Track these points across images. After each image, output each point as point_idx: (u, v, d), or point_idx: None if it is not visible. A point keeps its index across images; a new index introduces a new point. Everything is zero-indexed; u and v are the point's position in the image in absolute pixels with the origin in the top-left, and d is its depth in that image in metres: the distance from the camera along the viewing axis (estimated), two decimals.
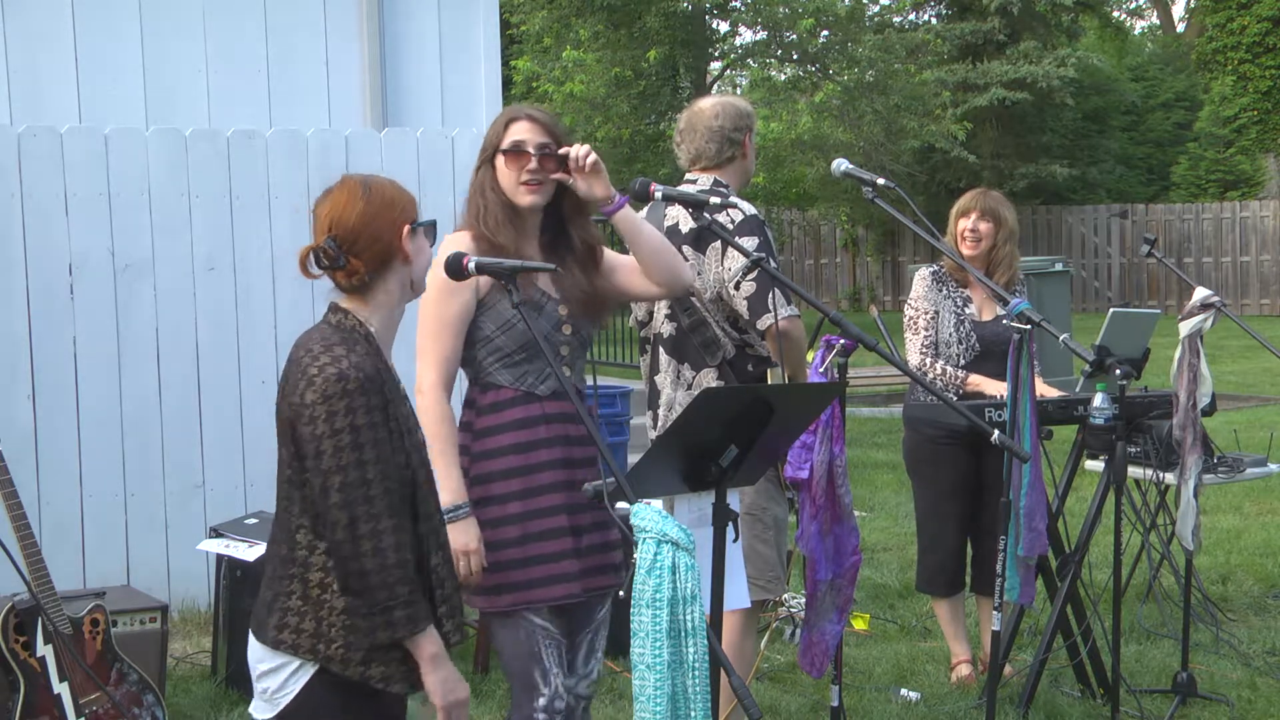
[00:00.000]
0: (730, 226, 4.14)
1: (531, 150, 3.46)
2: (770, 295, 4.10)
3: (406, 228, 2.79)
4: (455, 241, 3.44)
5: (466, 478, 3.40)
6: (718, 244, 4.18)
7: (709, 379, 4.23)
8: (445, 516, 3.11)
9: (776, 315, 4.08)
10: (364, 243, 2.76)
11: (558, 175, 3.48)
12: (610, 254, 3.65)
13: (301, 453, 2.69)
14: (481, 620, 5.49)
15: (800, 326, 4.19)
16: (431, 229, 2.90)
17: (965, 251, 5.25)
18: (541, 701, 3.40)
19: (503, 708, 3.73)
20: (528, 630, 3.41)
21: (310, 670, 2.70)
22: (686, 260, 4.08)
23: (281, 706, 2.74)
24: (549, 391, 3.45)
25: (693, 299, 4.20)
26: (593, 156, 3.47)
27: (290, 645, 2.70)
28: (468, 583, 3.34)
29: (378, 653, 2.68)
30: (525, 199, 3.48)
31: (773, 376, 4.25)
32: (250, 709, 2.83)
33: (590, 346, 3.65)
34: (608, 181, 3.52)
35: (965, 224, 5.27)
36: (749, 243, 4.08)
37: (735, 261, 4.09)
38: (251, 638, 2.80)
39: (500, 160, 3.49)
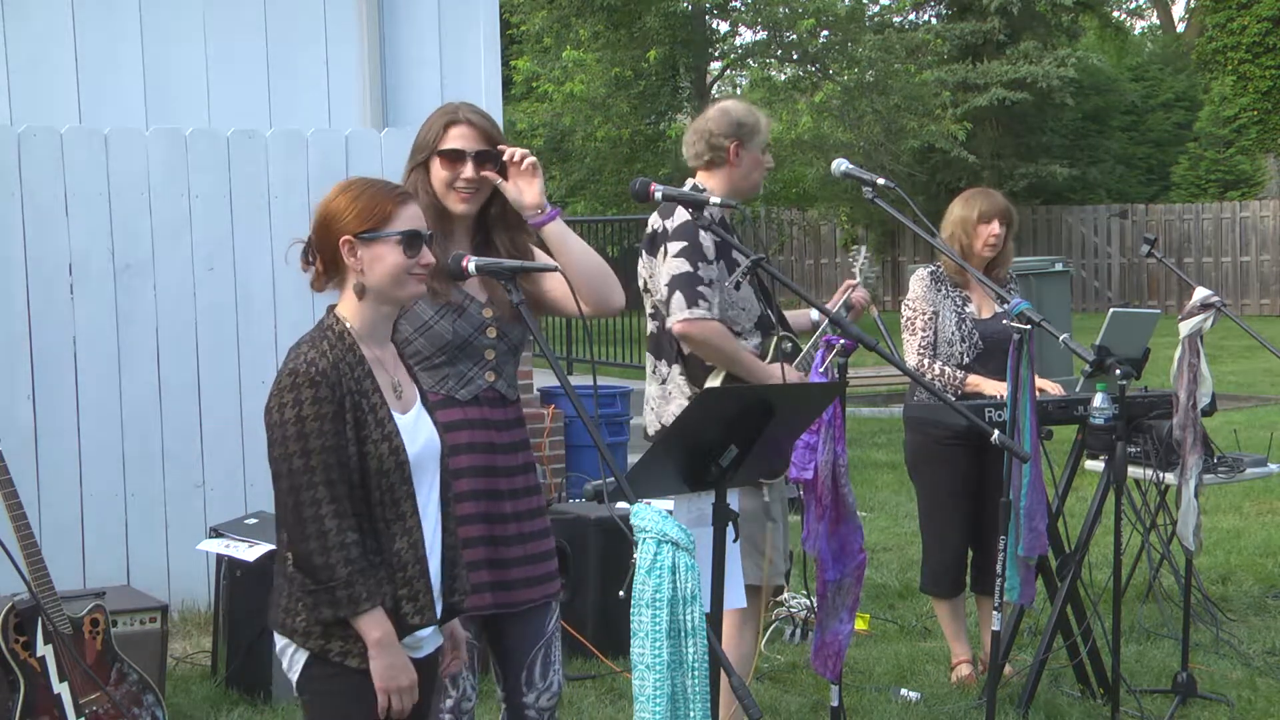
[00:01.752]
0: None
1: (469, 157, 3.38)
2: (674, 298, 4.17)
3: (344, 240, 2.88)
4: None
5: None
6: (666, 246, 4.25)
7: (676, 373, 4.33)
8: None
9: (680, 318, 4.17)
10: (316, 247, 2.95)
11: (490, 174, 3.40)
12: (513, 215, 3.50)
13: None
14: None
15: (705, 328, 4.19)
16: (414, 239, 2.91)
17: (985, 255, 5.27)
18: (449, 703, 3.40)
19: (491, 710, 3.73)
20: None
21: (305, 654, 2.88)
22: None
23: (295, 684, 2.94)
24: (470, 396, 3.38)
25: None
26: (530, 159, 3.40)
27: (277, 623, 2.90)
28: None
29: (335, 628, 2.83)
30: (458, 206, 3.41)
31: (712, 377, 4.29)
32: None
33: (521, 351, 3.54)
34: (541, 190, 3.42)
35: (990, 230, 5.26)
36: (675, 246, 4.20)
37: (665, 264, 4.22)
38: None
39: (435, 162, 3.41)
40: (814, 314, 4.54)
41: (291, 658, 2.90)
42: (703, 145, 4.43)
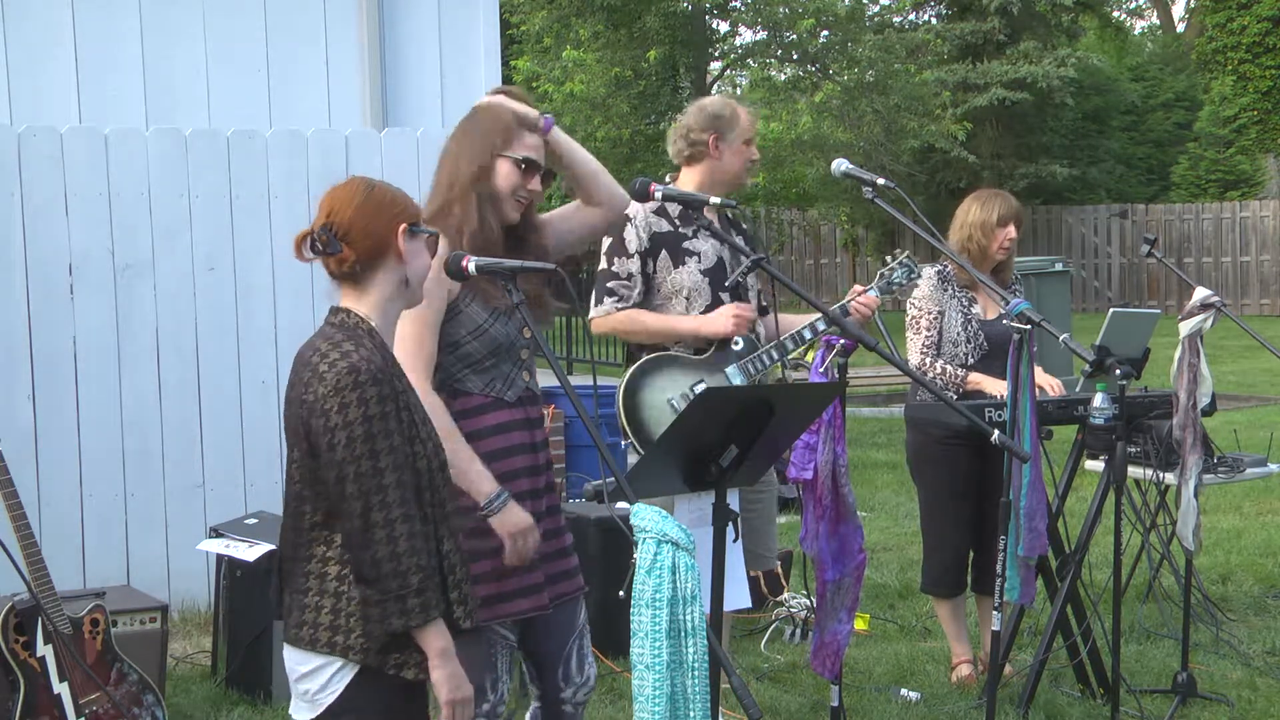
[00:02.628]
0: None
1: (539, 172, 3.45)
2: (592, 297, 4.35)
3: (403, 226, 2.83)
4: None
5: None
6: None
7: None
8: (493, 506, 3.22)
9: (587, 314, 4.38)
10: (357, 233, 2.82)
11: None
12: (536, 218, 3.59)
13: (315, 448, 2.71)
14: None
15: (606, 322, 4.36)
16: (434, 240, 2.92)
17: (999, 258, 5.28)
18: (485, 707, 3.39)
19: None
20: (489, 640, 3.37)
21: (352, 671, 2.73)
22: None
23: (325, 706, 2.76)
24: (515, 398, 3.42)
25: None
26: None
27: (309, 641, 2.74)
28: (525, 561, 3.31)
29: (394, 640, 2.70)
30: (514, 214, 3.45)
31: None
32: (290, 710, 2.85)
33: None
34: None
35: (1007, 233, 5.28)
36: (604, 244, 4.33)
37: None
38: (286, 645, 2.83)
39: (504, 164, 3.41)
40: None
41: (332, 677, 2.74)
42: (683, 143, 4.52)
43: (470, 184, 3.39)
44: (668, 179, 4.51)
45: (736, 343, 4.31)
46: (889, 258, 4.72)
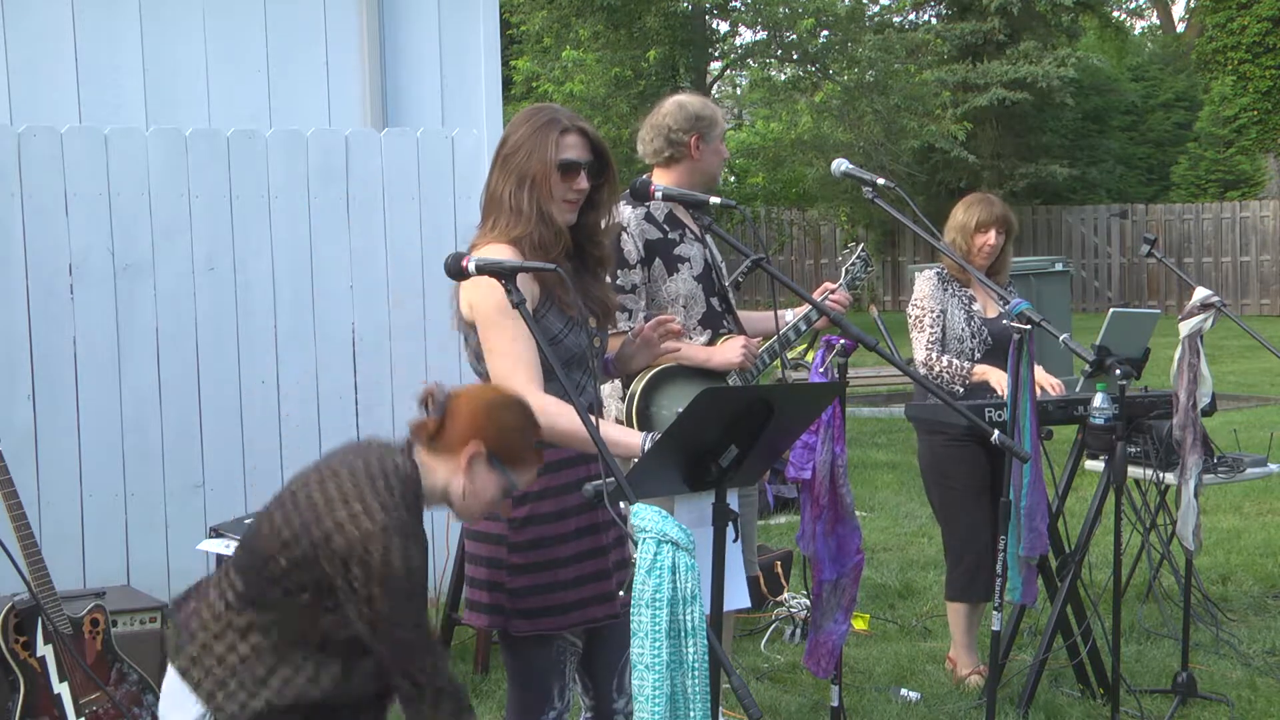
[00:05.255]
0: None
1: (583, 168, 3.31)
2: None
3: (473, 450, 2.88)
4: (498, 253, 3.23)
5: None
6: None
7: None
8: (650, 443, 3.15)
9: None
10: (453, 428, 2.89)
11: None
12: (600, 231, 3.48)
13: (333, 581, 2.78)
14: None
15: (612, 344, 4.31)
16: (506, 481, 2.95)
17: (979, 263, 5.28)
18: (552, 714, 3.35)
19: (502, 707, 3.73)
20: (560, 648, 3.34)
21: None
22: None
23: None
24: (586, 405, 3.30)
25: None
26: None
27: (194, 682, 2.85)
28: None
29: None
30: (567, 216, 3.33)
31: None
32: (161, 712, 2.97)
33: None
34: None
35: (986, 239, 5.28)
36: None
37: None
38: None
39: (552, 175, 3.28)
40: (788, 314, 4.50)
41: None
42: (661, 141, 4.45)
43: (520, 189, 3.29)
44: (646, 178, 4.48)
45: None
46: (844, 252, 4.71)
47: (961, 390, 5.25)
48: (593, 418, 2.97)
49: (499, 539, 3.29)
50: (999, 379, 5.14)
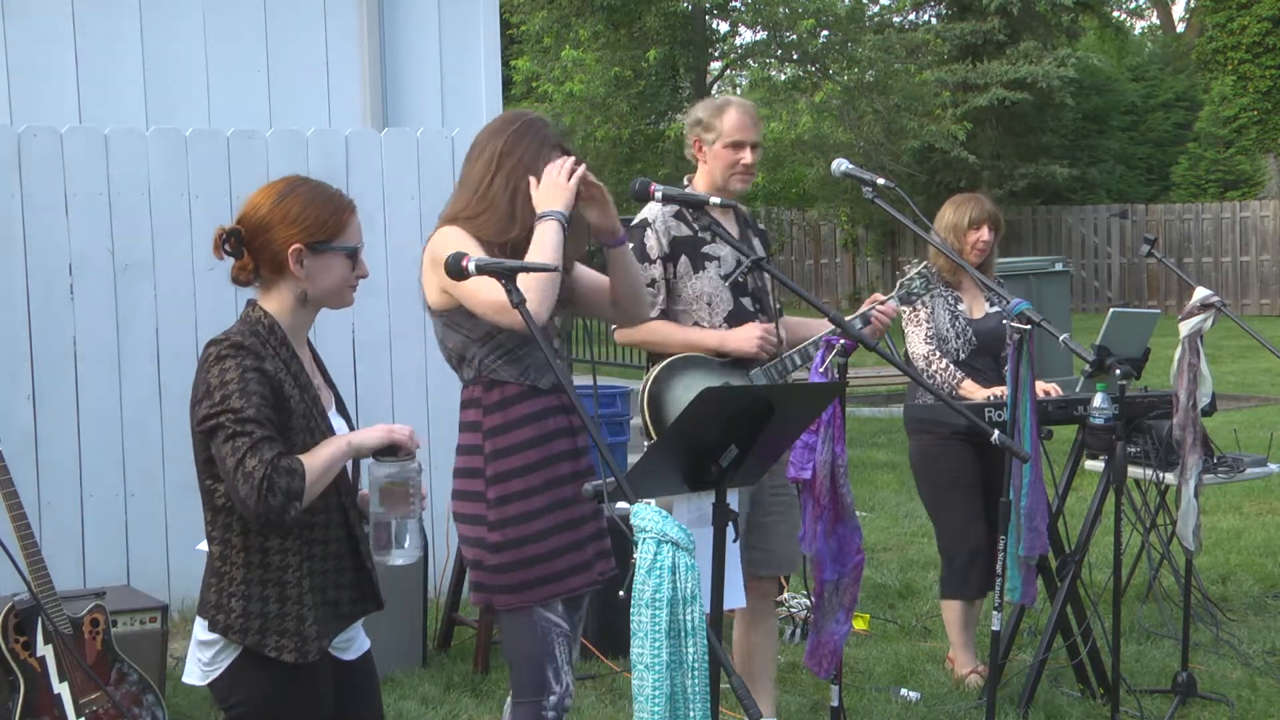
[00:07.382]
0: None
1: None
2: None
3: (295, 248, 2.86)
4: (458, 241, 3.35)
5: (483, 478, 3.40)
6: None
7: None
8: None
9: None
10: (258, 244, 2.90)
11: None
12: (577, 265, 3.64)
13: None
14: (482, 619, 5.49)
15: (632, 334, 4.38)
16: (353, 253, 2.93)
17: (974, 260, 5.29)
18: (553, 699, 3.40)
19: (502, 707, 3.73)
20: (543, 627, 3.40)
21: (235, 652, 2.84)
22: None
23: (211, 680, 2.88)
24: (549, 385, 3.45)
25: None
26: (603, 187, 3.49)
27: (203, 615, 2.86)
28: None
29: (272, 623, 2.81)
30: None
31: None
32: (184, 676, 2.97)
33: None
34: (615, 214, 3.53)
35: (979, 235, 5.29)
36: None
37: None
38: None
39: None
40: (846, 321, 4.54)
41: (218, 653, 2.87)
42: (686, 149, 4.60)
43: (506, 188, 3.43)
44: (685, 180, 4.56)
45: None
46: (907, 266, 4.73)
47: (952, 400, 5.25)
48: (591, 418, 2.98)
49: (479, 519, 3.41)
50: (980, 397, 5.14)
